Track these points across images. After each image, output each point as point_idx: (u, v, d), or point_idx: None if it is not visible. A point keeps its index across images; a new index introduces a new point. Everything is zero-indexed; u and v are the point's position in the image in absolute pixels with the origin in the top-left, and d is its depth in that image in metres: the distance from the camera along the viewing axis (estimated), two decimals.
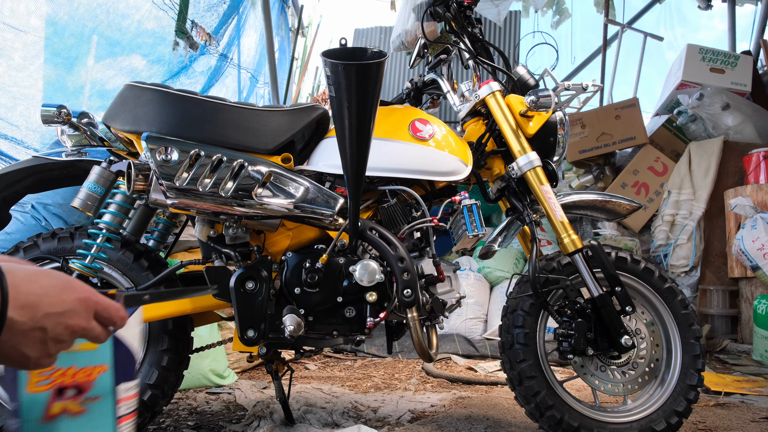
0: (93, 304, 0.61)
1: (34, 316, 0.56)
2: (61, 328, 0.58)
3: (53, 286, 0.58)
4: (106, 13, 2.92)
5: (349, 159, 1.31)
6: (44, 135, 2.50)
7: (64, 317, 0.58)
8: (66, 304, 0.59)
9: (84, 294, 0.61)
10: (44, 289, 0.58)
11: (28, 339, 0.56)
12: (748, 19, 5.86)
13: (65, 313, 0.58)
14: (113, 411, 0.71)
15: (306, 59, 6.37)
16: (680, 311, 1.62)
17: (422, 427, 1.70)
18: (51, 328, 0.57)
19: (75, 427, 0.67)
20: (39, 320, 0.56)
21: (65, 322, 0.58)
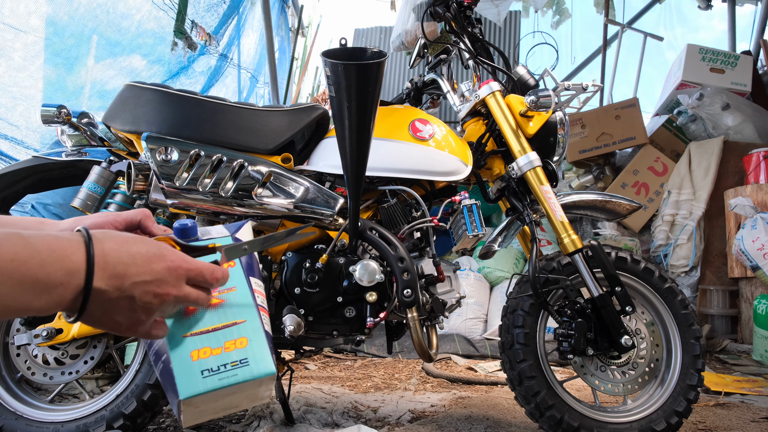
0: (184, 272, 0.61)
1: (122, 285, 0.56)
2: (149, 297, 0.58)
3: (142, 255, 0.59)
4: (106, 13, 2.93)
5: (349, 159, 1.31)
6: (44, 135, 2.50)
7: (152, 286, 0.58)
8: (155, 272, 0.59)
9: (174, 263, 0.61)
10: (132, 258, 0.58)
11: (117, 307, 0.57)
12: (748, 19, 5.87)
13: (153, 282, 0.59)
14: (251, 296, 0.72)
15: (306, 59, 6.37)
16: (680, 311, 1.62)
17: (422, 427, 1.70)
18: (139, 296, 0.58)
19: (217, 315, 0.68)
20: (126, 289, 0.57)
21: (153, 291, 0.58)
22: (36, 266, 0.52)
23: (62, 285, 0.53)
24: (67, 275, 0.54)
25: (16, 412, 1.53)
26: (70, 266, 0.54)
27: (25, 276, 0.51)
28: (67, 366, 1.54)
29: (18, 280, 0.50)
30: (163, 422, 1.77)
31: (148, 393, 1.52)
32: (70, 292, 0.54)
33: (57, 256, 0.53)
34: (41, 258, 0.52)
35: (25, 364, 1.54)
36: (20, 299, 0.51)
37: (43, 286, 0.52)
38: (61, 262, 0.53)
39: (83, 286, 0.55)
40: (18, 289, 0.50)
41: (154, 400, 1.54)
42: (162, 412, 1.74)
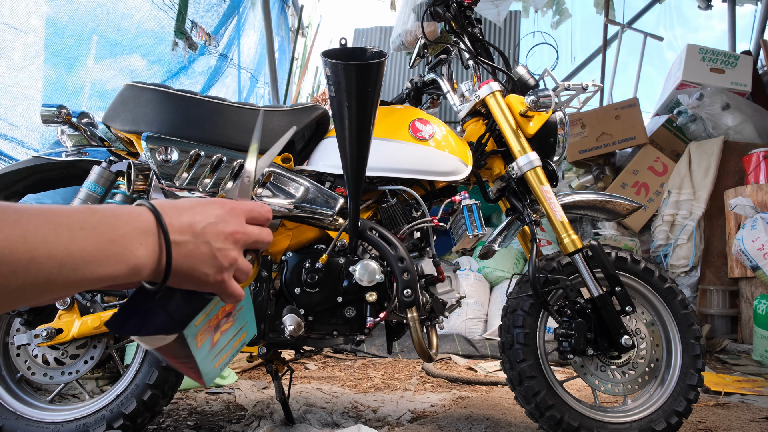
0: (241, 211, 0.63)
1: (194, 231, 0.57)
2: (222, 237, 0.59)
3: (199, 203, 0.60)
4: (106, 13, 2.92)
5: (349, 159, 1.31)
6: (44, 135, 2.50)
7: (220, 226, 0.59)
8: (217, 215, 0.60)
9: (229, 203, 0.62)
10: (192, 208, 0.59)
11: (200, 256, 0.57)
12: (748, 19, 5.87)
13: (220, 223, 0.60)
14: (251, 306, 0.75)
15: (306, 59, 6.37)
16: (680, 311, 1.62)
17: (422, 427, 1.70)
18: (213, 240, 0.58)
19: (228, 335, 0.71)
20: (200, 235, 0.57)
21: (224, 231, 0.59)
22: (108, 230, 0.50)
23: (142, 245, 0.53)
24: (142, 234, 0.53)
25: (16, 412, 1.53)
26: (141, 225, 0.54)
27: (101, 241, 0.49)
28: (67, 366, 1.54)
29: (95, 246, 0.49)
30: (163, 422, 1.77)
31: (148, 393, 1.52)
32: (150, 252, 0.53)
33: (125, 219, 0.53)
34: (111, 222, 0.51)
35: (25, 364, 1.54)
36: (101, 268, 0.49)
37: (120, 250, 0.51)
38: (130, 223, 0.53)
39: (163, 242, 0.55)
40: (97, 255, 0.49)
41: (154, 400, 1.54)
42: (162, 412, 1.74)
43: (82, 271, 0.48)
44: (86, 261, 0.48)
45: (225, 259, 0.60)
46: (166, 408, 1.91)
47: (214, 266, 0.59)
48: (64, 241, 0.47)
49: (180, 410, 1.91)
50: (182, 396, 2.10)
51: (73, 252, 0.47)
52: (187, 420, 1.80)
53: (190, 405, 1.98)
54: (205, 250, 0.58)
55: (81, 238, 0.48)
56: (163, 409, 1.63)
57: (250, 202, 0.65)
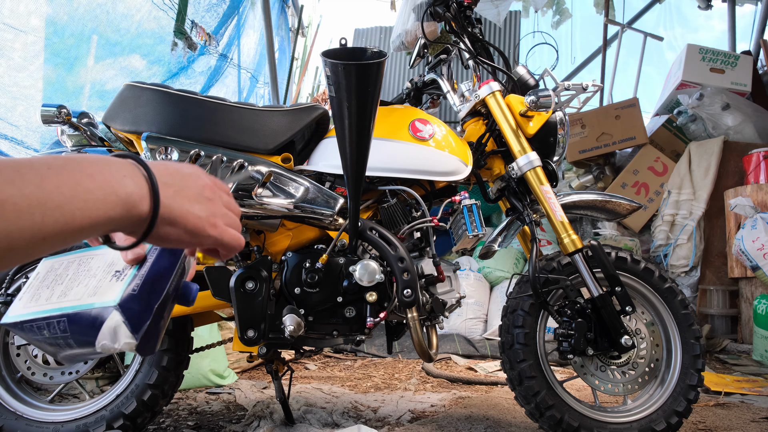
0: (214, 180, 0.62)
1: (175, 178, 0.55)
2: (208, 188, 0.58)
3: (171, 161, 0.61)
4: (106, 13, 2.92)
5: (349, 159, 1.31)
6: (44, 135, 2.50)
7: (200, 180, 0.58)
8: (188, 167, 0.58)
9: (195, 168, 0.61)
10: (175, 164, 0.58)
11: (185, 197, 0.55)
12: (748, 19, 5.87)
13: (195, 176, 0.58)
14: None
15: (306, 59, 6.37)
16: (680, 311, 1.62)
17: (422, 427, 1.70)
18: (199, 189, 0.57)
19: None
20: (181, 181, 0.55)
21: (202, 183, 0.58)
22: (78, 167, 0.46)
23: (126, 177, 0.49)
24: (123, 167, 0.50)
25: (16, 412, 1.53)
26: (118, 163, 0.50)
27: (75, 176, 0.46)
28: (67, 366, 1.54)
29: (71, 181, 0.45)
30: (163, 422, 1.77)
31: (148, 393, 1.52)
32: (140, 182, 0.50)
33: (95, 158, 0.49)
34: (78, 161, 0.47)
35: (25, 364, 1.54)
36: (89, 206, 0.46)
37: (102, 182, 0.47)
38: (104, 160, 0.49)
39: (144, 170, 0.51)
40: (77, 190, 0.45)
41: (154, 400, 1.54)
42: (162, 412, 1.74)
43: (69, 210, 0.44)
44: (68, 198, 0.44)
45: (218, 208, 0.58)
46: (166, 408, 1.91)
47: (206, 209, 0.56)
48: (32, 179, 0.43)
49: (180, 410, 1.91)
50: (182, 396, 2.10)
51: (47, 189, 0.43)
52: (187, 420, 1.80)
53: (190, 405, 1.98)
54: (193, 192, 0.56)
55: (51, 175, 0.44)
56: (163, 409, 1.63)
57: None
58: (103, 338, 0.58)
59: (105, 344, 0.58)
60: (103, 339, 0.58)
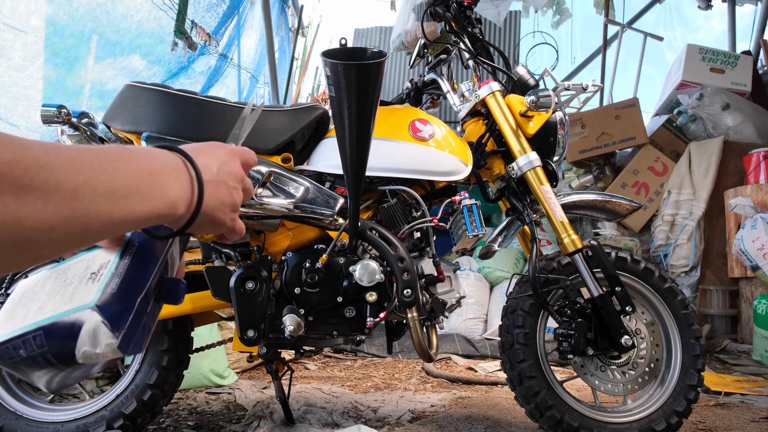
0: (237, 152, 0.64)
1: (212, 172, 0.58)
2: (233, 176, 0.61)
3: (208, 147, 0.61)
4: (106, 13, 2.92)
5: (349, 159, 1.31)
6: (44, 135, 2.50)
7: (228, 166, 0.61)
8: (223, 155, 0.61)
9: (227, 146, 0.64)
10: (205, 152, 0.59)
11: (219, 195, 0.58)
12: (748, 19, 5.87)
13: (228, 163, 0.61)
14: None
15: (306, 59, 6.37)
16: (680, 311, 1.62)
17: (422, 427, 1.70)
18: (227, 178, 0.60)
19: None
20: (217, 175, 0.58)
21: (231, 170, 0.61)
22: (143, 162, 0.49)
23: (176, 180, 0.52)
24: (174, 170, 0.52)
25: (16, 412, 1.53)
26: (170, 161, 0.53)
27: (140, 171, 0.48)
28: None
29: (135, 176, 0.48)
30: (163, 422, 1.77)
31: (148, 393, 1.52)
32: (185, 187, 0.53)
33: (154, 155, 0.52)
34: (142, 156, 0.50)
35: None
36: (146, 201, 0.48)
37: (159, 182, 0.50)
38: (160, 158, 0.52)
39: (194, 177, 0.55)
40: (140, 186, 0.48)
41: (154, 400, 1.54)
42: (162, 412, 1.74)
43: (132, 202, 0.47)
44: (132, 190, 0.47)
45: (237, 198, 0.61)
46: (166, 408, 1.91)
47: (230, 204, 0.60)
48: (107, 167, 0.45)
49: (180, 410, 1.91)
50: (182, 396, 2.10)
51: (118, 179, 0.46)
52: (187, 420, 1.80)
53: (190, 405, 1.98)
54: (224, 189, 0.59)
55: (121, 167, 0.47)
56: (163, 409, 1.63)
57: (241, 147, 0.67)
58: (83, 344, 0.55)
59: (86, 351, 0.55)
60: (83, 345, 0.55)
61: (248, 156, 0.67)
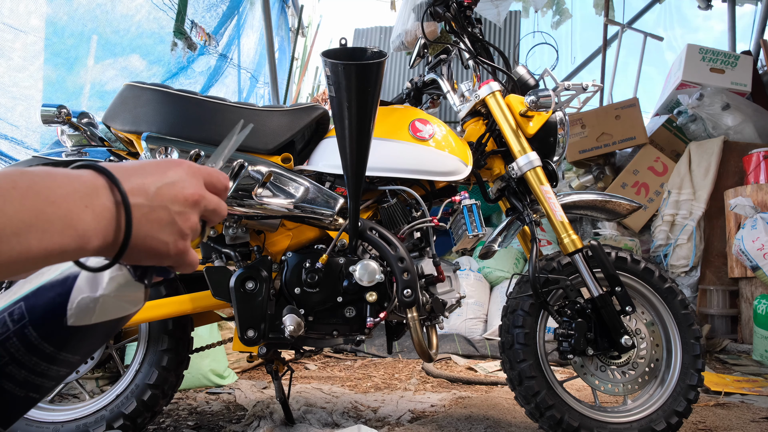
0: (198, 171, 0.56)
1: (147, 193, 0.50)
2: (181, 200, 0.52)
3: (153, 165, 0.53)
4: (106, 13, 2.92)
5: (349, 159, 1.31)
6: (44, 135, 2.50)
7: (178, 187, 0.52)
8: (173, 174, 0.53)
9: (186, 163, 0.55)
10: (144, 169, 0.52)
11: (155, 222, 0.50)
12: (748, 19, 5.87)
13: (177, 183, 0.52)
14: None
15: (306, 59, 6.37)
16: (680, 311, 1.62)
17: (422, 427, 1.70)
18: (170, 202, 0.51)
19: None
20: (155, 197, 0.50)
21: (181, 194, 0.52)
22: (45, 190, 0.43)
23: (87, 208, 0.45)
24: (85, 196, 0.45)
25: None
26: (83, 186, 0.45)
27: (38, 202, 0.42)
28: None
29: (33, 208, 0.41)
30: (163, 422, 1.77)
31: (148, 393, 1.52)
32: (99, 216, 0.45)
33: (62, 180, 0.45)
34: (47, 183, 0.43)
35: None
36: (46, 236, 0.42)
37: (64, 212, 0.43)
38: (70, 184, 0.45)
39: (118, 201, 0.47)
40: (38, 219, 0.41)
41: (154, 400, 1.54)
42: (162, 412, 1.74)
43: (26, 239, 0.41)
44: (27, 225, 0.41)
45: (186, 224, 0.52)
46: (166, 408, 1.91)
47: (173, 233, 0.51)
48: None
49: (180, 410, 1.91)
50: (182, 396, 2.10)
51: (8, 214, 0.40)
52: (187, 420, 1.80)
53: (190, 405, 1.98)
54: (163, 215, 0.51)
55: (15, 197, 0.40)
56: (163, 409, 1.63)
57: (211, 168, 0.59)
58: (79, 293, 0.49)
59: (82, 300, 0.49)
60: (78, 294, 0.49)
61: (215, 177, 0.58)
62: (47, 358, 0.48)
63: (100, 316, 0.50)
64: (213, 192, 0.57)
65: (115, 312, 0.52)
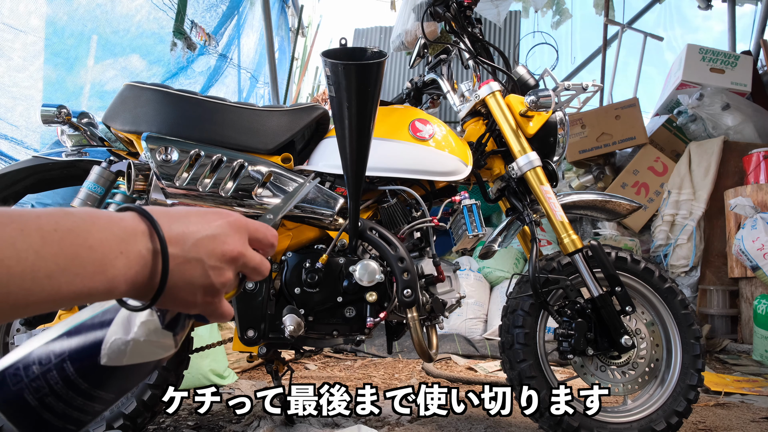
0: (244, 226, 0.53)
1: (184, 245, 0.47)
2: (218, 254, 0.49)
3: (197, 214, 0.50)
4: (106, 13, 2.93)
5: (349, 159, 1.31)
6: (44, 135, 2.50)
7: (217, 242, 0.49)
8: (215, 227, 0.50)
9: (233, 216, 0.52)
10: (188, 218, 0.49)
11: (186, 274, 0.48)
12: (748, 19, 5.87)
13: (217, 237, 0.49)
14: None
15: (306, 59, 6.37)
16: (680, 311, 1.62)
17: (422, 427, 1.70)
18: (207, 257, 0.48)
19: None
20: (191, 250, 0.48)
21: (220, 249, 0.49)
22: (85, 234, 0.42)
23: (122, 254, 0.44)
24: (121, 242, 0.44)
25: None
26: (122, 231, 0.45)
27: (77, 245, 0.41)
28: None
29: (70, 251, 0.41)
30: (163, 422, 1.77)
31: (148, 393, 1.52)
32: (132, 263, 0.45)
33: (104, 223, 0.44)
34: (87, 226, 0.43)
35: None
36: (78, 279, 0.41)
37: (99, 257, 0.42)
38: (109, 228, 0.44)
39: (157, 248, 0.46)
40: (73, 262, 0.41)
41: (154, 400, 1.54)
42: (162, 412, 1.74)
43: (57, 282, 0.41)
44: (61, 269, 0.41)
45: (219, 279, 0.50)
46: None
47: (203, 288, 0.49)
48: (33, 243, 0.40)
49: (180, 410, 1.91)
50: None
51: (45, 257, 0.40)
52: (187, 420, 1.80)
53: (190, 405, 1.98)
54: (196, 268, 0.48)
55: (53, 241, 0.41)
56: (163, 408, 1.63)
57: (258, 222, 0.55)
58: (114, 333, 0.49)
59: (115, 341, 0.49)
60: (113, 335, 0.49)
61: (262, 233, 0.54)
62: (83, 394, 0.49)
63: (132, 359, 0.51)
64: (258, 247, 0.55)
65: (147, 356, 0.53)
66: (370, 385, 1.48)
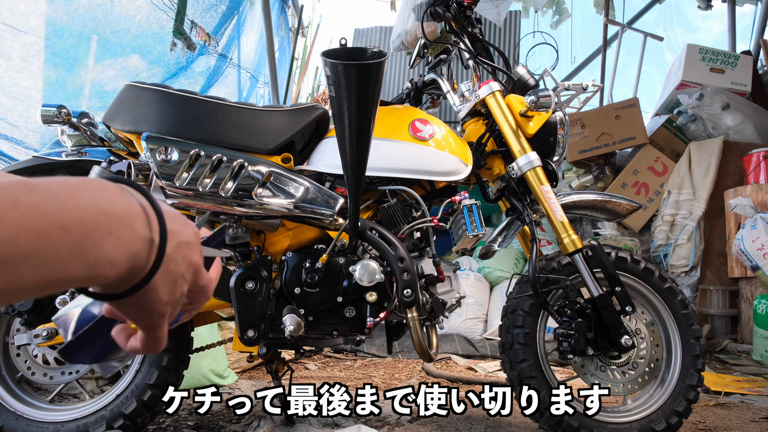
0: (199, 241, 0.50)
1: (171, 245, 0.44)
2: (186, 263, 0.46)
3: (177, 214, 0.47)
4: (106, 13, 2.93)
5: (349, 159, 1.31)
6: (44, 135, 2.50)
7: (190, 248, 0.46)
8: (190, 234, 0.47)
9: (196, 228, 0.48)
10: (174, 213, 0.46)
11: (172, 271, 0.44)
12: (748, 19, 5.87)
13: (191, 244, 0.46)
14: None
15: (306, 59, 6.37)
16: (680, 311, 1.62)
17: (422, 427, 1.70)
18: (181, 260, 0.45)
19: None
20: (174, 250, 0.44)
21: (190, 257, 0.46)
22: (55, 213, 0.36)
23: (111, 234, 0.38)
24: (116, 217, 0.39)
25: (16, 412, 1.53)
26: (120, 202, 0.40)
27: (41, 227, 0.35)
28: (67, 366, 1.54)
29: (32, 235, 0.34)
30: (163, 422, 1.77)
31: (148, 393, 1.52)
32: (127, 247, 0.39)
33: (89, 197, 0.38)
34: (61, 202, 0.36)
35: (25, 364, 1.54)
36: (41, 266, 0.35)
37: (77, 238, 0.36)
38: (101, 201, 0.39)
39: (155, 239, 0.41)
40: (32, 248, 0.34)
41: (154, 400, 1.54)
42: (162, 412, 1.74)
43: (17, 268, 0.35)
44: (23, 253, 0.35)
45: (180, 290, 0.46)
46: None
47: (170, 293, 0.45)
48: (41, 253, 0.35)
49: (180, 410, 1.91)
50: None
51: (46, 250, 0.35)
52: (187, 420, 1.80)
53: (190, 405, 1.98)
54: (175, 269, 0.44)
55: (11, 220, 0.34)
56: (163, 408, 1.63)
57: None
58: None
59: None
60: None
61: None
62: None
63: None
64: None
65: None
66: (370, 385, 1.48)
